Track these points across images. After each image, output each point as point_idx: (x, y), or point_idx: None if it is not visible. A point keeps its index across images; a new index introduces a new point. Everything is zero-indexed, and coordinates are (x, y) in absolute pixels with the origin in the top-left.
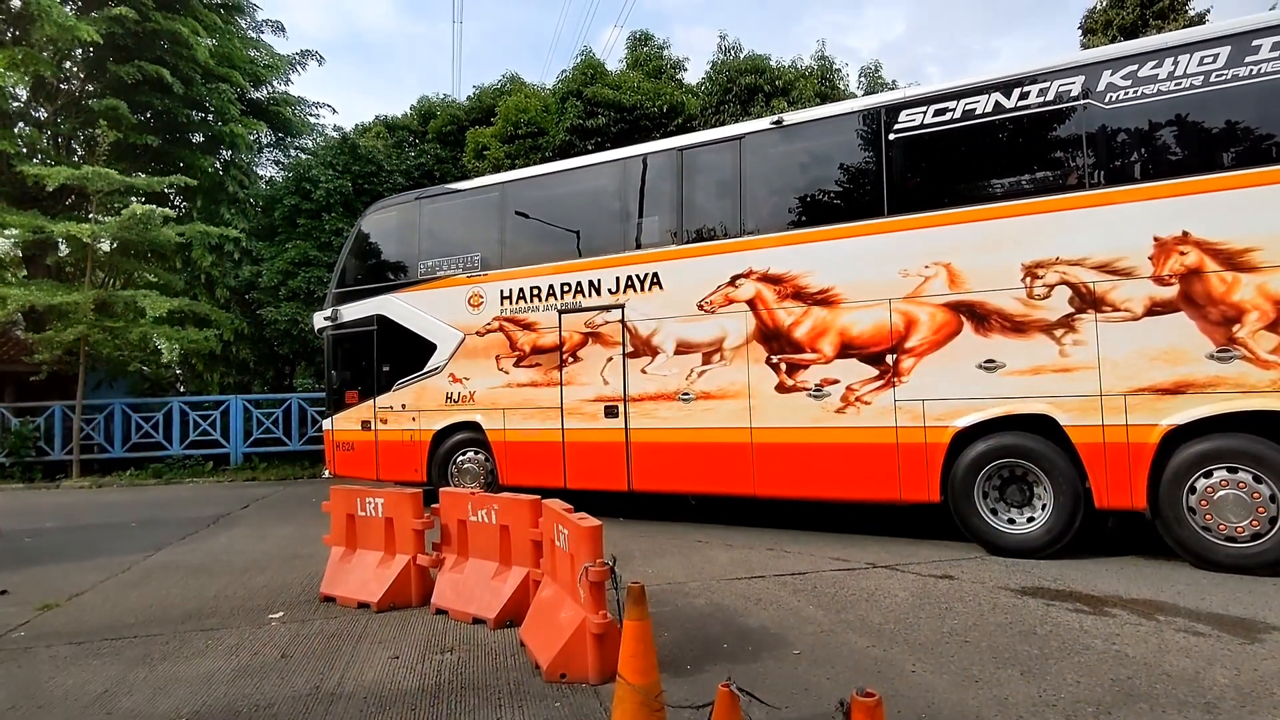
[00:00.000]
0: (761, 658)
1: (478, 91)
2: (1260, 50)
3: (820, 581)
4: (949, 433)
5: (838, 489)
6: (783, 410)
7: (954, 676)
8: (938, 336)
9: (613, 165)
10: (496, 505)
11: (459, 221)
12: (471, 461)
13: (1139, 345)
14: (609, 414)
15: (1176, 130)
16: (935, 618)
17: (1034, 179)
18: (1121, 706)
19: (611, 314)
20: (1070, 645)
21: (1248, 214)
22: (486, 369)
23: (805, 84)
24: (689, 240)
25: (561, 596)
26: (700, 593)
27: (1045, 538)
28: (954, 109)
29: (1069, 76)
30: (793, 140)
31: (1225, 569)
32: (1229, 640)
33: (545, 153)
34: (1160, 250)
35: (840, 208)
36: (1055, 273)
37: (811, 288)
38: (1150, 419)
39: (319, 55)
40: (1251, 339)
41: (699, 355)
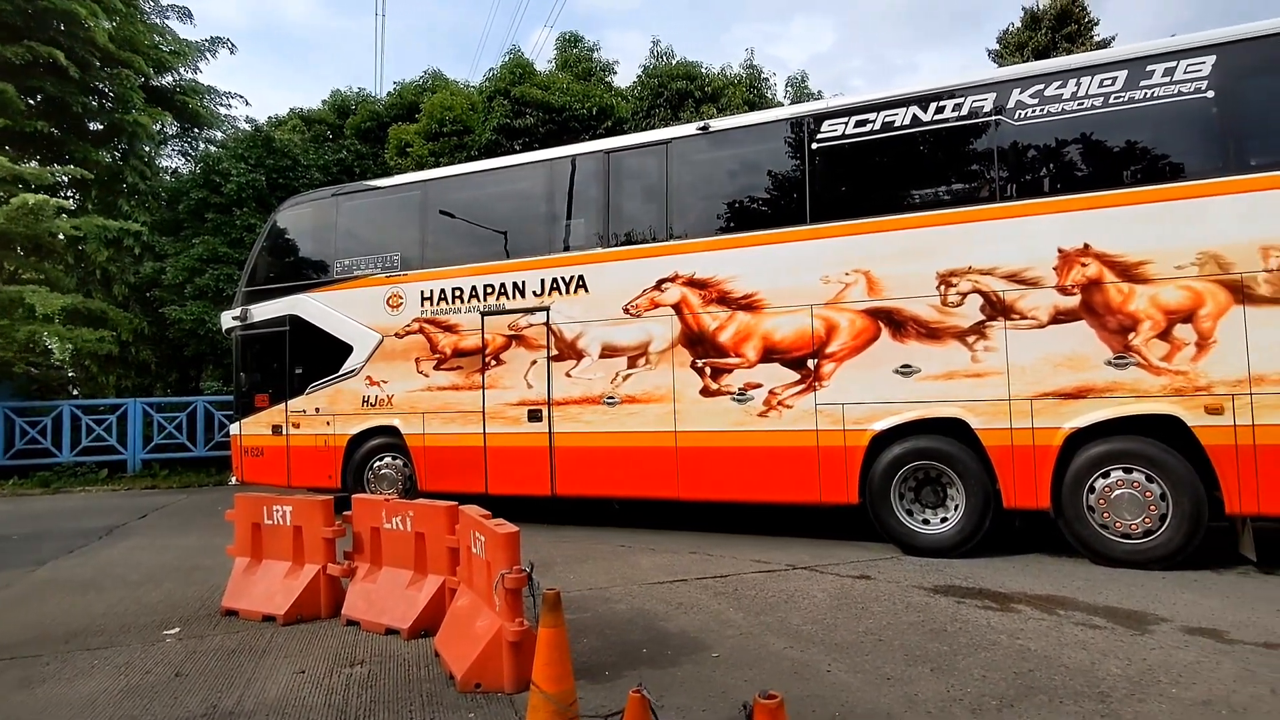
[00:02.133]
0: (681, 662)
1: (399, 88)
2: (1154, 75)
3: (742, 584)
4: (867, 436)
5: (761, 492)
6: (707, 414)
7: (868, 676)
8: (857, 342)
9: (540, 166)
10: (412, 512)
11: (379, 219)
12: (389, 467)
13: (1044, 352)
14: (532, 418)
15: (1079, 147)
16: (852, 618)
17: (948, 190)
18: (1023, 699)
19: (536, 317)
20: (977, 641)
21: (1142, 228)
22: (406, 372)
23: (734, 91)
24: (616, 243)
25: (478, 605)
26: (622, 598)
27: (957, 537)
28: (874, 121)
29: (982, 93)
30: (719, 146)
31: (1121, 564)
32: (1122, 633)
33: (471, 151)
34: (1064, 261)
35: (765, 214)
36: (968, 281)
37: (736, 293)
38: (1054, 422)
39: (230, 43)
40: (1145, 346)
41: (624, 359)
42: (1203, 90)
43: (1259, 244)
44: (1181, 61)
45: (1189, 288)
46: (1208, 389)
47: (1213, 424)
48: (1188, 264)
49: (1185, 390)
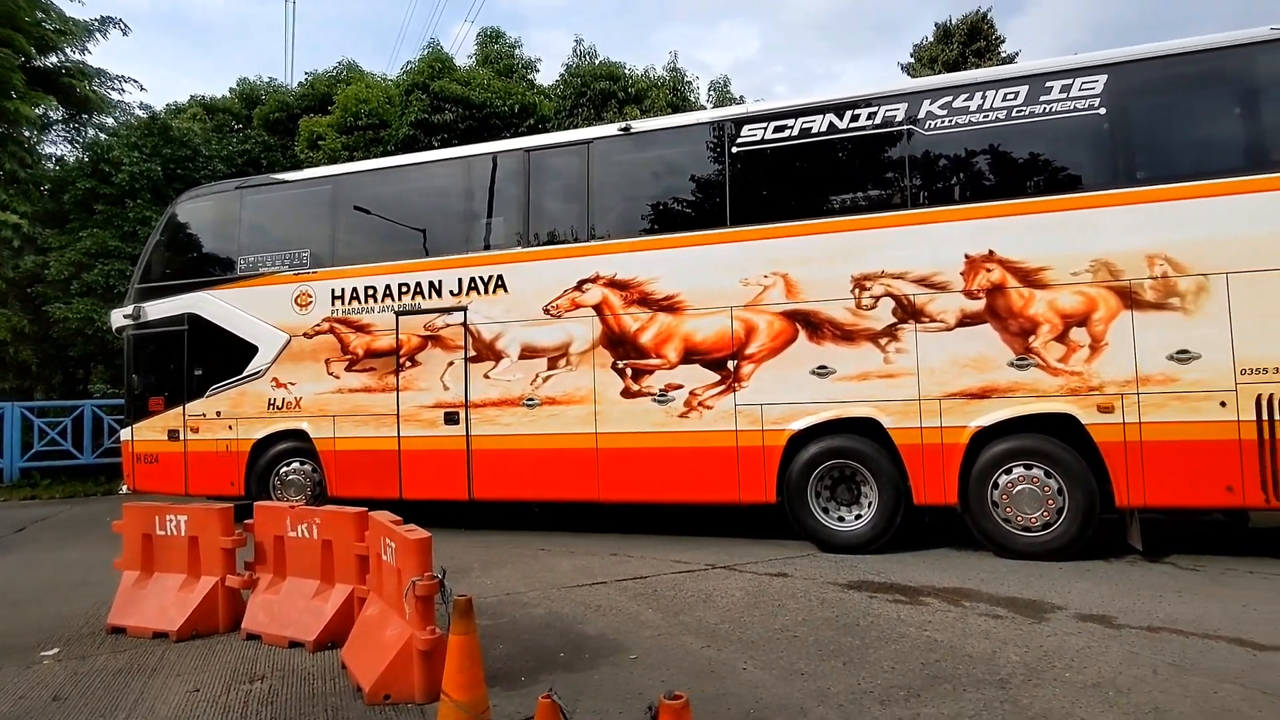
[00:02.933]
0: (598, 665)
1: (312, 78)
2: (1052, 91)
3: (660, 585)
4: (785, 436)
5: (681, 492)
6: (628, 415)
7: (781, 671)
8: (775, 343)
9: (459, 163)
10: (319, 519)
11: (287, 214)
12: (297, 473)
13: (952, 353)
14: (449, 420)
15: (984, 158)
16: (768, 615)
17: (863, 196)
18: (929, 689)
19: (453, 317)
20: (888, 634)
21: (1041, 236)
22: (315, 373)
23: (658, 93)
24: (536, 243)
25: (387, 614)
26: (539, 602)
27: (871, 534)
28: (792, 127)
29: (894, 103)
30: (641, 148)
31: (1022, 556)
32: (1021, 621)
33: (387, 146)
34: (970, 267)
35: (686, 216)
36: (881, 285)
37: (657, 294)
38: (961, 421)
39: (122, 23)
40: (1044, 349)
41: (544, 360)
42: (1095, 107)
43: (1145, 253)
44: (1077, 79)
45: (1083, 293)
46: (1100, 389)
47: (1104, 422)
48: (1083, 271)
49: (1080, 390)
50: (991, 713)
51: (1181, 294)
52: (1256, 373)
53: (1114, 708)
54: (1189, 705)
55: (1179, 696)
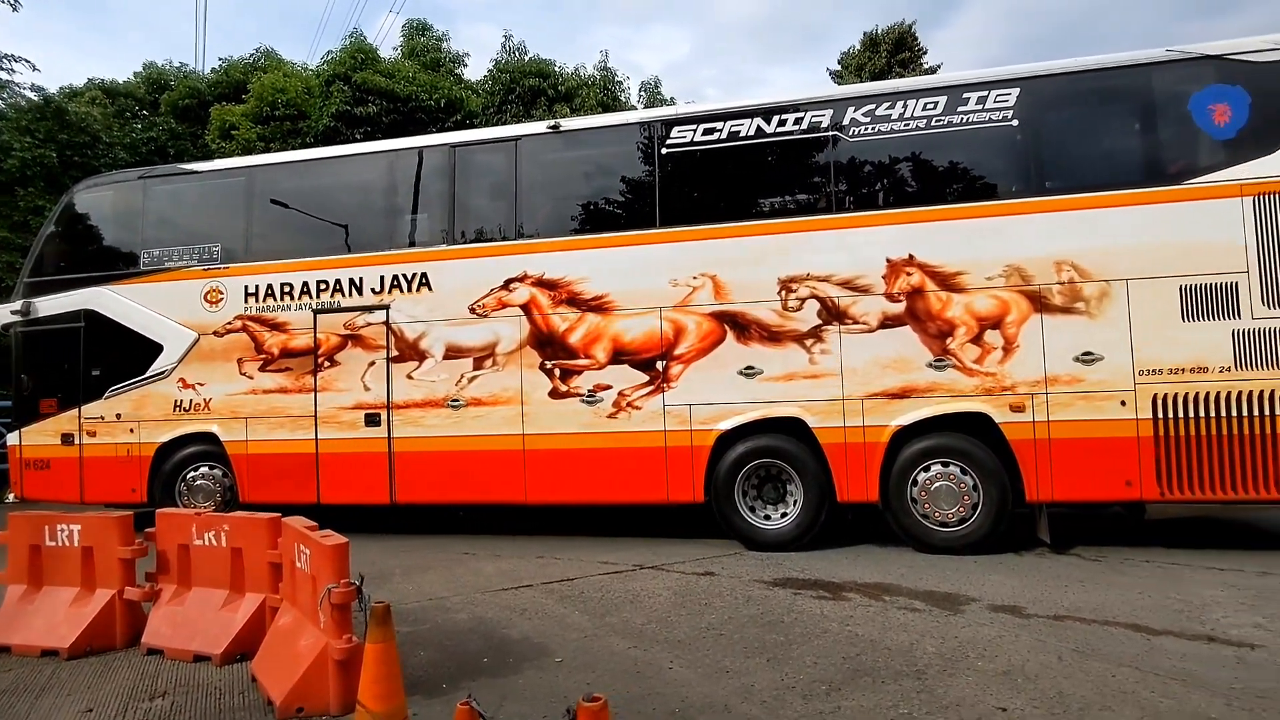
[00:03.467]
0: (522, 669)
1: (226, 65)
2: (969, 102)
3: (587, 586)
4: (713, 435)
5: (610, 493)
6: (556, 416)
7: (707, 670)
8: (704, 344)
9: (382, 157)
10: (227, 526)
11: (196, 207)
12: (206, 478)
13: (874, 354)
14: (370, 422)
15: (906, 165)
16: (694, 614)
17: (790, 200)
18: (850, 682)
19: (375, 315)
20: (811, 630)
21: (958, 242)
22: (226, 373)
23: (588, 92)
24: (462, 241)
25: (301, 623)
26: (463, 607)
27: (796, 531)
28: (721, 129)
29: (820, 109)
30: (570, 146)
31: (939, 551)
32: (938, 614)
33: (306, 138)
34: (891, 270)
35: (615, 216)
36: (806, 287)
37: (586, 294)
38: (882, 420)
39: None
40: (960, 350)
41: (470, 360)
42: (1009, 119)
43: (1054, 259)
44: (992, 91)
45: (997, 297)
46: (1012, 389)
47: (1016, 420)
48: (996, 275)
49: (994, 390)
50: (909, 703)
51: (1087, 299)
52: (1153, 373)
53: (1022, 694)
54: (1089, 689)
55: (1081, 681)
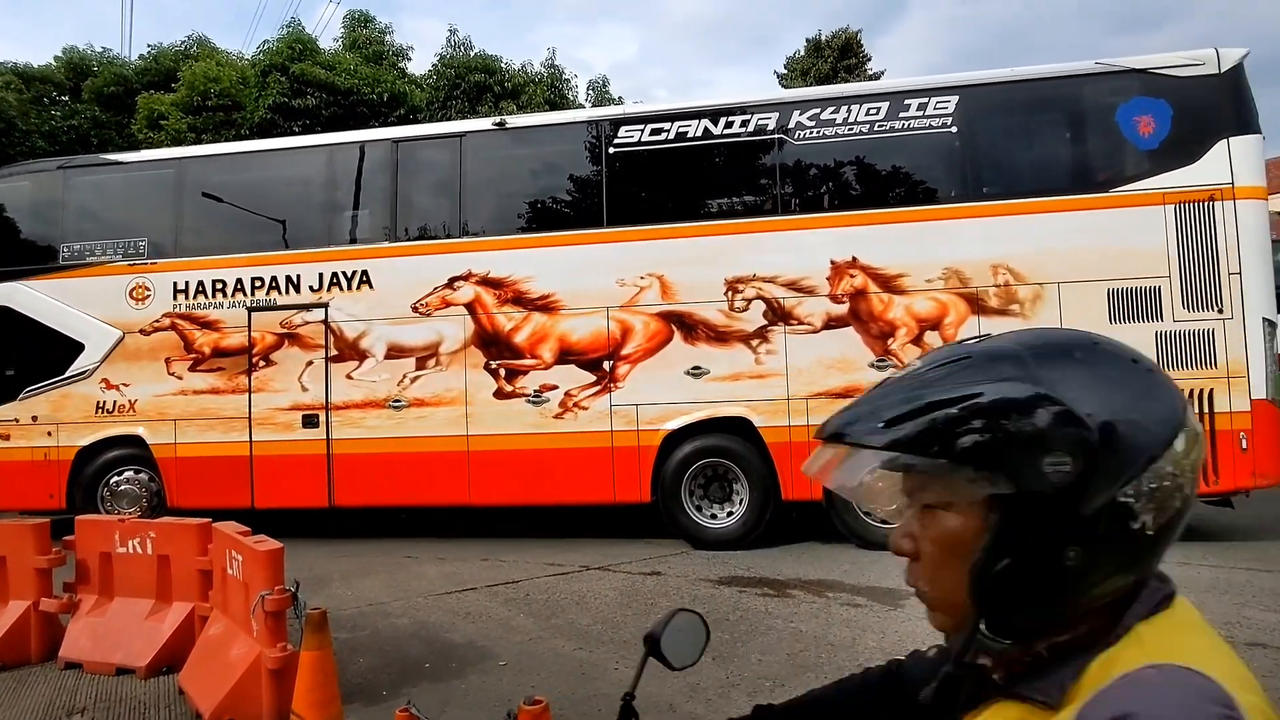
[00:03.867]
0: (465, 674)
1: (155, 51)
2: (910, 108)
3: (533, 589)
4: (660, 435)
5: (556, 494)
6: (501, 417)
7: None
8: (651, 344)
9: (321, 151)
10: (154, 532)
11: (121, 199)
12: (131, 482)
13: (818, 355)
14: (308, 423)
15: (849, 168)
16: (641, 615)
17: (737, 201)
18: (794, 678)
19: (313, 314)
20: (756, 627)
21: (900, 245)
22: (154, 374)
23: (535, 89)
24: (405, 238)
25: (233, 632)
26: (405, 612)
27: (742, 530)
28: (668, 130)
29: (766, 112)
30: (516, 144)
31: (881, 548)
32: (879, 609)
33: (241, 130)
34: (835, 272)
35: (562, 215)
36: (752, 288)
37: (532, 293)
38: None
39: None
40: (901, 351)
41: (412, 360)
42: (948, 125)
43: (990, 262)
44: (932, 99)
45: (936, 299)
46: None
47: None
48: (936, 278)
49: None
50: None
51: (1021, 301)
52: None
53: None
54: None
55: None
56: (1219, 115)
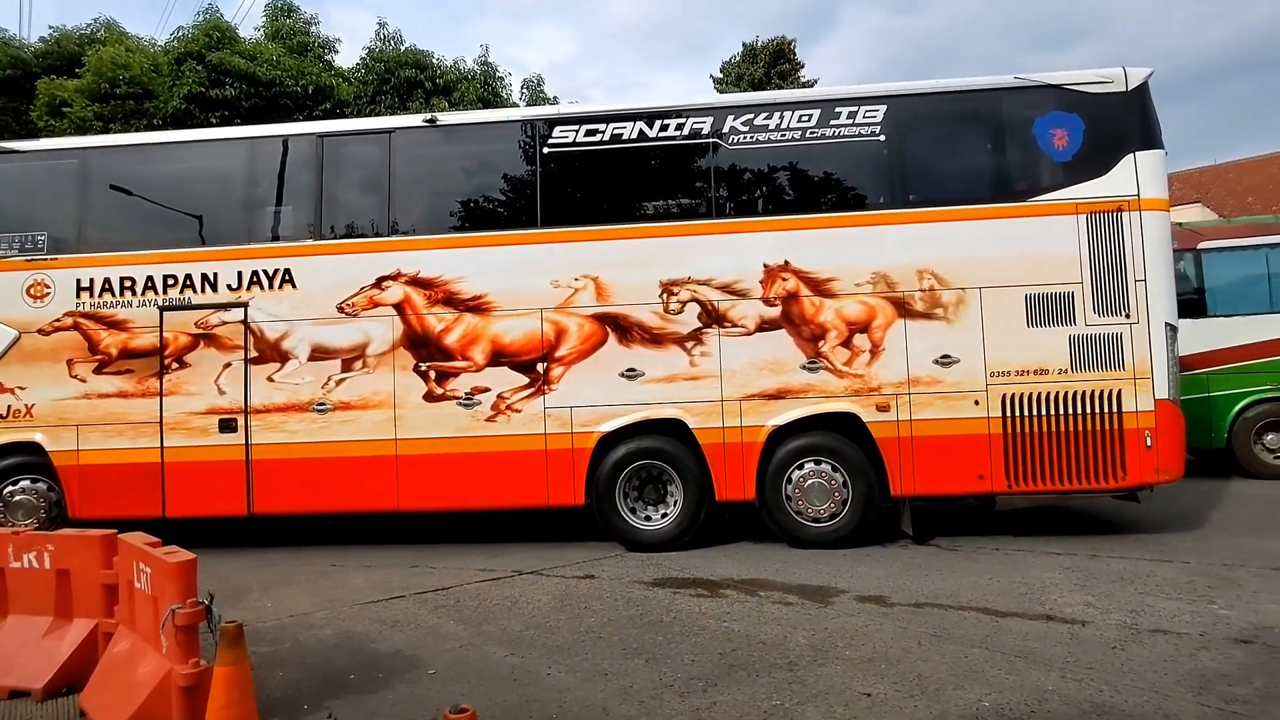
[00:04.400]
0: (393, 684)
1: (58, 34)
2: (841, 116)
3: (464, 595)
4: (594, 438)
5: (488, 498)
6: (431, 420)
7: (586, 673)
8: (585, 346)
9: (241, 144)
10: (52, 545)
11: (18, 190)
12: (27, 493)
13: (752, 357)
14: (225, 428)
15: (782, 174)
16: (574, 618)
17: (672, 204)
18: (725, 677)
19: (231, 313)
20: (689, 628)
21: (831, 249)
22: (53, 376)
23: (468, 86)
24: (331, 236)
25: (141, 649)
26: (329, 622)
27: (676, 531)
28: (604, 131)
29: (701, 116)
30: (448, 142)
31: (812, 546)
32: (810, 606)
33: (153, 120)
34: (768, 276)
35: (495, 215)
36: (687, 291)
37: (464, 294)
38: (759, 421)
39: None
40: (832, 353)
41: (338, 362)
42: (876, 134)
43: (916, 267)
44: (861, 107)
45: (865, 303)
46: (878, 390)
47: (881, 419)
48: (865, 282)
49: (862, 391)
50: (781, 694)
51: (945, 305)
52: (1002, 375)
53: (885, 678)
54: (944, 670)
55: (937, 663)
56: (1126, 131)
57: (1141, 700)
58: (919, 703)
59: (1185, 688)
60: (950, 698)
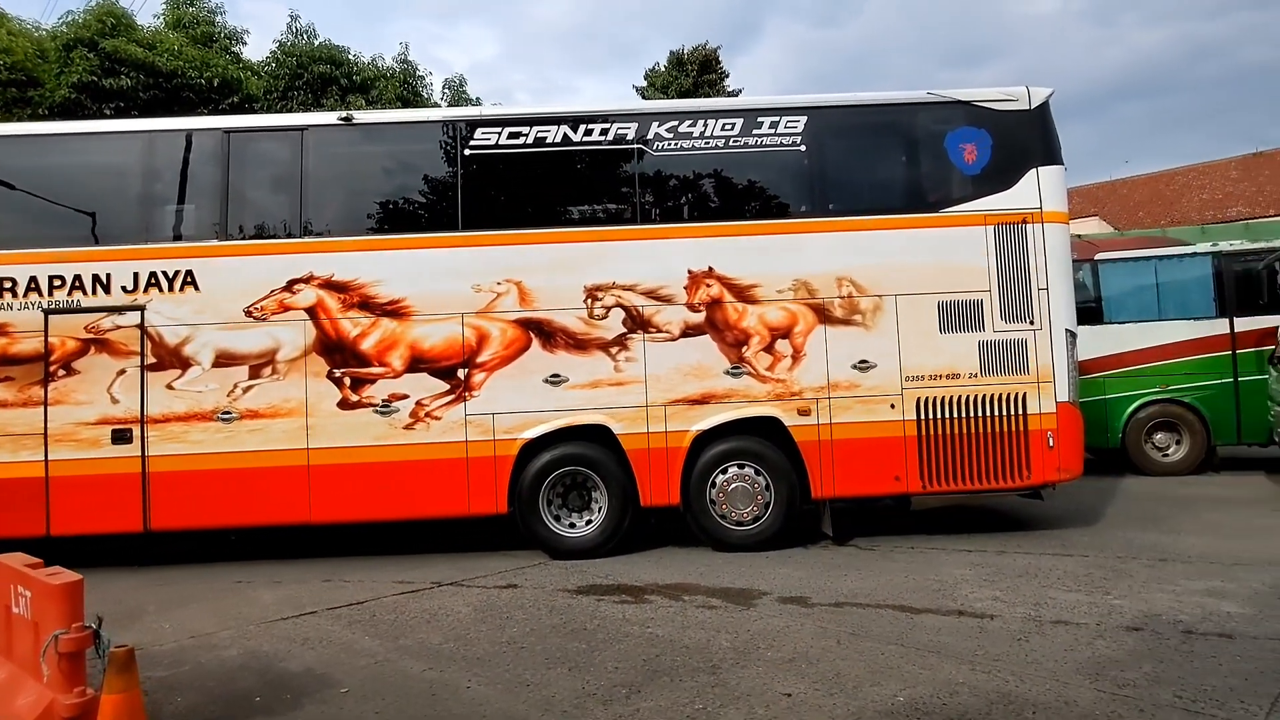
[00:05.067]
0: (302, 704)
1: None
2: (763, 126)
3: (380, 609)
4: (517, 445)
5: (406, 508)
6: (346, 428)
7: (507, 685)
8: (508, 352)
9: (140, 137)
10: None
11: None
12: None
13: (676, 362)
14: (119, 439)
15: (706, 181)
16: (495, 629)
17: (597, 209)
18: (649, 683)
19: (127, 317)
20: (613, 635)
21: (754, 256)
22: None
23: (387, 85)
24: (238, 236)
25: (19, 678)
26: (233, 642)
27: (601, 538)
28: (527, 134)
29: (626, 122)
30: (366, 141)
31: (736, 549)
32: (732, 609)
33: (39, 110)
34: (692, 282)
35: (415, 217)
36: (612, 296)
37: (381, 298)
38: (683, 426)
39: None
40: (754, 358)
41: (245, 368)
42: (798, 144)
43: (835, 274)
44: (783, 117)
45: (787, 309)
46: (799, 394)
47: (803, 423)
48: (786, 289)
49: (784, 395)
50: (704, 698)
51: (863, 312)
52: (916, 379)
53: (805, 678)
54: (862, 667)
55: (855, 661)
56: (1030, 147)
57: (1044, 689)
58: (837, 700)
59: (1083, 675)
60: (867, 694)
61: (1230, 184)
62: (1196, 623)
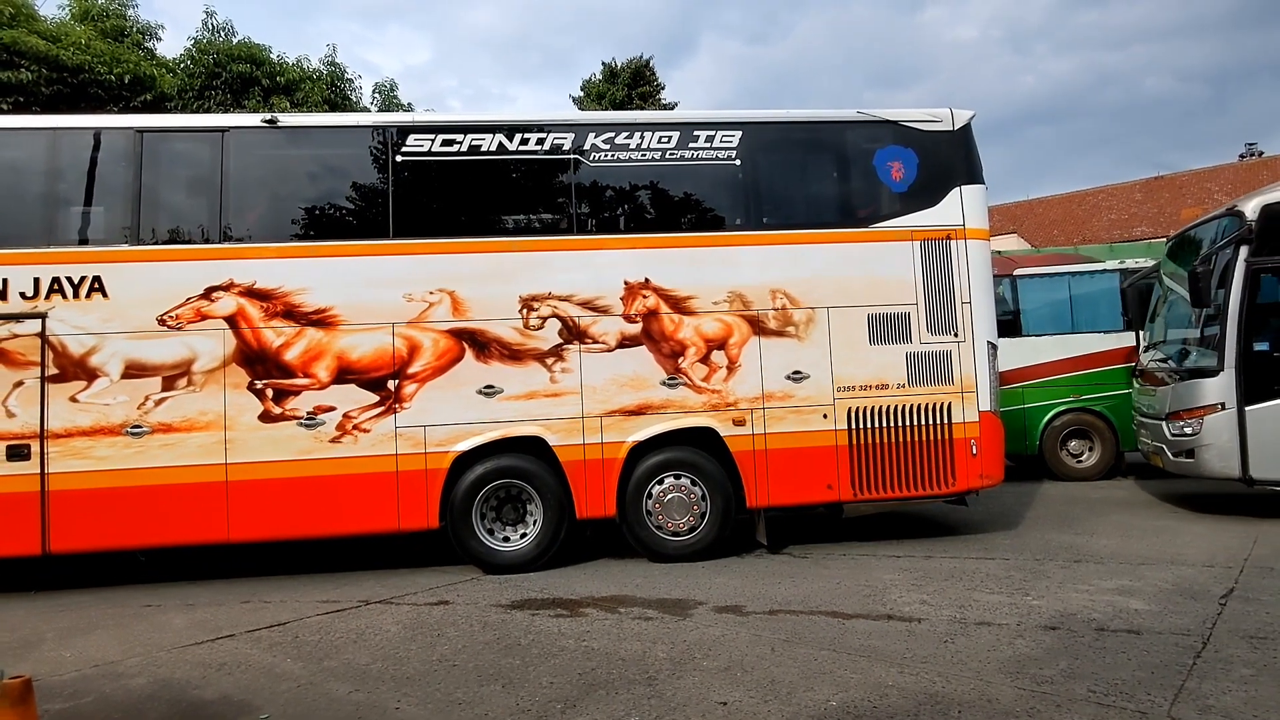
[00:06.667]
0: None
1: None
2: (699, 139)
3: (303, 630)
4: (449, 458)
5: (333, 525)
6: (268, 442)
7: (438, 704)
8: (441, 362)
9: (42, 135)
10: None
11: None
12: None
13: (612, 373)
14: (14, 455)
15: (643, 192)
16: (426, 647)
17: (533, 219)
18: (585, 697)
19: (24, 325)
20: (548, 650)
21: (690, 268)
22: None
23: (313, 87)
24: (149, 240)
25: None
26: (141, 670)
27: (535, 551)
28: (461, 142)
29: (562, 132)
30: (291, 144)
31: (672, 559)
32: (669, 620)
33: None
34: (629, 293)
35: (343, 224)
36: (548, 306)
37: (306, 307)
38: (620, 437)
39: None
40: (691, 369)
41: (158, 380)
42: (733, 159)
43: (769, 287)
44: (718, 132)
45: (722, 320)
46: (735, 405)
47: (738, 434)
48: (722, 300)
49: (719, 406)
50: (640, 710)
51: (796, 323)
52: (848, 390)
53: (740, 686)
54: (796, 673)
55: (789, 666)
56: (954, 166)
57: (968, 688)
58: (772, 706)
59: (1004, 673)
60: (801, 699)
61: (1135, 205)
62: (1107, 620)
